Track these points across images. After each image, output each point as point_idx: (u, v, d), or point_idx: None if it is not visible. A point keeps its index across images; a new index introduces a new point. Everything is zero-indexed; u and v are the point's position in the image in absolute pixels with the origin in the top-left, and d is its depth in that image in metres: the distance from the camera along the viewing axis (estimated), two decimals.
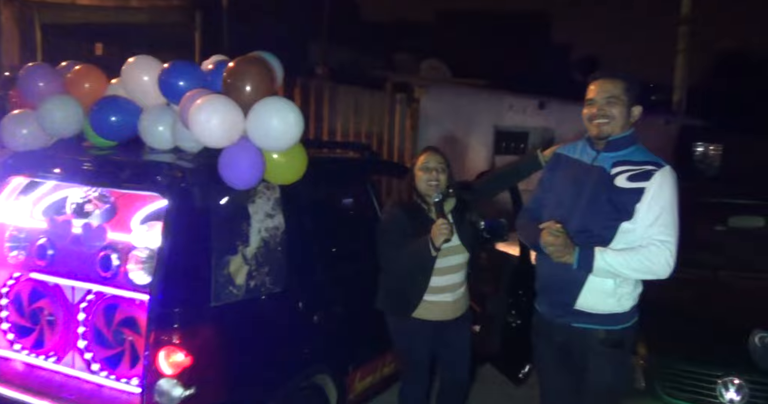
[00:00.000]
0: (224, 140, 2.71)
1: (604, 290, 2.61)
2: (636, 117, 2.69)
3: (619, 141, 2.66)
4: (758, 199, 4.99)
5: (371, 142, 9.69)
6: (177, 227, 2.62)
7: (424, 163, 3.25)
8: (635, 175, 2.58)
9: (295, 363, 3.08)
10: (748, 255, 4.44)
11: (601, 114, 2.64)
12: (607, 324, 2.64)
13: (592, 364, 2.69)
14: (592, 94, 2.68)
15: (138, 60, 3.13)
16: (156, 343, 2.57)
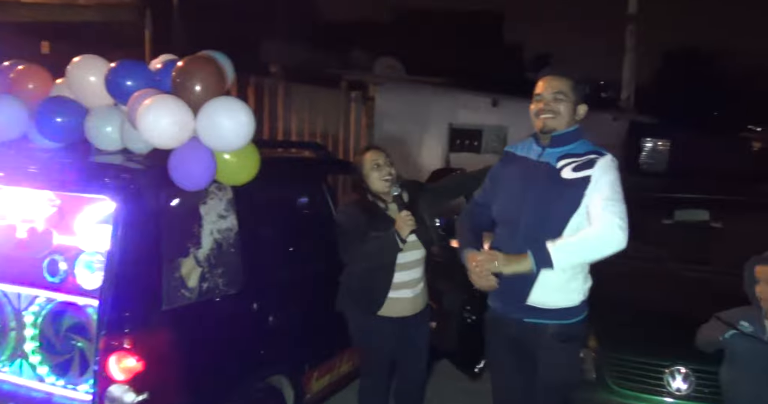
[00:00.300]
0: (174, 141, 2.67)
1: (555, 285, 2.65)
2: (581, 115, 2.75)
3: (563, 137, 2.71)
4: (703, 193, 5.15)
5: (327, 141, 9.66)
6: (126, 230, 2.57)
7: (373, 161, 3.27)
8: (579, 165, 2.64)
9: (250, 364, 3.06)
10: (694, 247, 4.58)
11: (547, 109, 2.69)
12: (559, 318, 2.69)
13: (543, 359, 2.73)
14: (540, 90, 2.73)
15: (84, 59, 3.07)
16: (106, 349, 2.52)
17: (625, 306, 3.79)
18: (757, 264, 2.93)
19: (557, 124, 2.69)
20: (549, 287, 2.65)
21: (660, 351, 3.32)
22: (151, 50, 10.42)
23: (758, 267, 2.91)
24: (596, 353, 3.41)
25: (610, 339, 3.45)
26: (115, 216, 2.61)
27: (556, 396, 2.79)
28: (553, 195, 2.64)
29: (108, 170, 2.73)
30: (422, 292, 3.41)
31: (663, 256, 4.45)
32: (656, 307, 3.76)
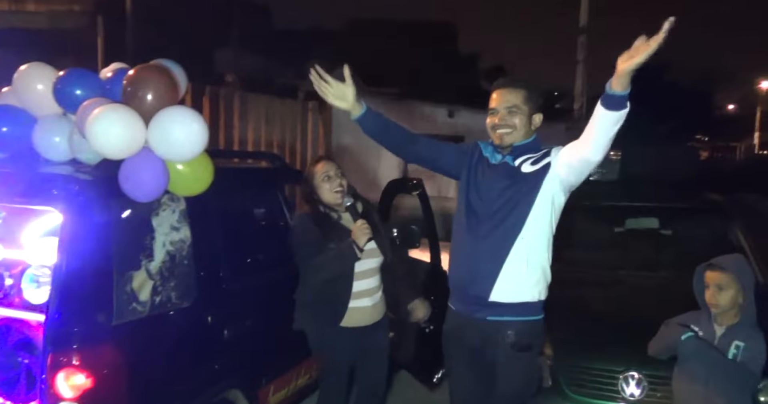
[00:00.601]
0: (124, 151, 2.61)
1: (517, 277, 2.70)
2: (537, 124, 2.79)
3: (522, 147, 2.76)
4: (653, 202, 5.27)
5: (283, 151, 9.60)
6: (74, 243, 2.50)
7: (324, 172, 3.27)
8: (536, 159, 2.72)
9: (204, 379, 3.00)
10: (644, 254, 4.68)
11: (502, 124, 2.72)
12: (520, 314, 2.72)
13: (501, 368, 2.75)
14: (494, 103, 2.76)
15: (31, 67, 2.99)
16: (54, 365, 2.44)
17: (579, 313, 3.85)
18: (706, 269, 3.00)
19: (514, 138, 2.73)
20: (510, 280, 2.70)
21: (613, 357, 3.37)
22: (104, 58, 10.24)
23: (707, 272, 2.99)
24: (551, 360, 3.45)
25: (565, 347, 3.50)
26: (62, 228, 2.54)
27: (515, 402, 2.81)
28: (514, 189, 2.70)
29: (55, 181, 2.65)
30: (380, 301, 3.40)
31: (615, 264, 4.53)
32: (609, 314, 3.82)
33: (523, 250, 2.70)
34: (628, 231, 5.20)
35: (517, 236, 2.69)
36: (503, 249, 2.70)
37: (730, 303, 2.91)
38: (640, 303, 3.92)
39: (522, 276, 2.70)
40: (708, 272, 2.98)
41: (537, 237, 2.73)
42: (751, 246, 4.42)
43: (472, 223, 2.78)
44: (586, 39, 12.88)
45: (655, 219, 5.11)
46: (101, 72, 3.12)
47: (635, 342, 3.32)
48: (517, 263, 2.70)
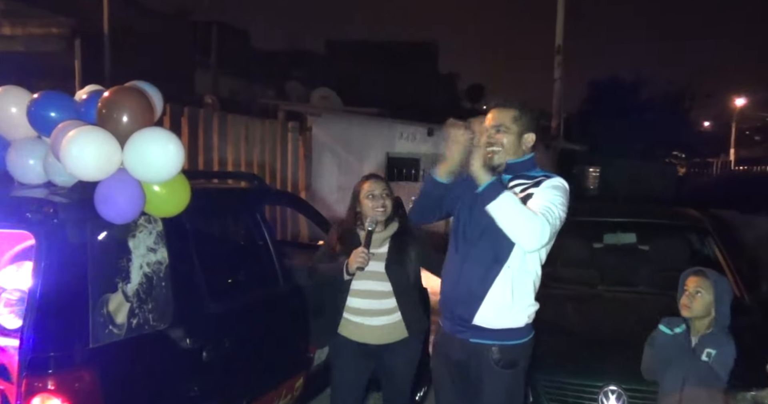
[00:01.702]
0: (100, 173, 2.60)
1: (501, 304, 2.69)
2: (529, 144, 2.78)
3: (517, 165, 2.75)
4: (631, 217, 5.34)
5: (264, 172, 9.59)
6: (49, 266, 2.47)
7: (369, 191, 3.32)
8: (527, 186, 2.70)
9: (183, 402, 2.96)
10: (623, 270, 4.72)
11: (490, 142, 2.71)
12: (503, 339, 2.72)
13: (486, 385, 2.75)
14: (486, 123, 2.75)
15: (5, 91, 2.98)
16: (29, 391, 2.40)
17: (558, 328, 3.86)
18: (689, 274, 3.05)
19: (501, 157, 2.73)
20: (496, 306, 2.69)
21: (593, 371, 3.39)
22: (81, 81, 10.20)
23: (690, 277, 3.04)
24: (532, 376, 3.45)
25: (545, 362, 3.50)
26: (37, 251, 2.51)
27: None
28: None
29: (30, 204, 2.62)
30: (391, 325, 3.36)
31: (594, 279, 4.56)
32: (588, 329, 3.84)
33: (509, 278, 2.69)
34: (607, 246, 5.25)
35: (503, 264, 2.69)
36: (489, 275, 2.70)
37: (703, 310, 2.96)
38: (618, 318, 3.95)
39: (506, 304, 2.70)
40: (691, 277, 3.05)
41: (524, 266, 2.72)
42: (727, 262, 4.48)
43: (461, 244, 2.79)
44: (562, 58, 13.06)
45: (632, 234, 5.17)
46: (76, 94, 3.11)
47: (615, 357, 3.35)
48: (502, 290, 2.69)
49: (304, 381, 3.88)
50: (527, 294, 2.74)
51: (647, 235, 5.20)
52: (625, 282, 4.50)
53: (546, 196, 2.62)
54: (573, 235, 5.40)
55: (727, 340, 2.94)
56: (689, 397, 2.89)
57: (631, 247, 5.18)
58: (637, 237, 5.21)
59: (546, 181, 2.69)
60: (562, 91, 13.22)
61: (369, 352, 3.37)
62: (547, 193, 2.64)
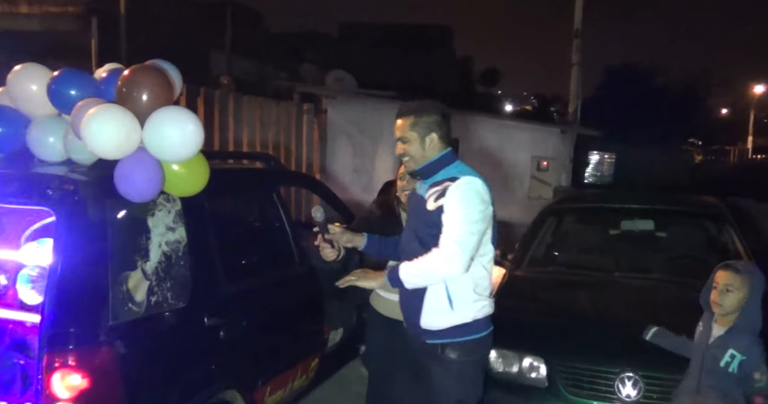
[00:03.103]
0: (119, 151, 2.60)
1: (439, 309, 2.71)
2: (435, 144, 2.76)
3: (429, 167, 2.77)
4: (648, 204, 5.29)
5: (278, 153, 9.59)
6: (69, 243, 2.49)
7: (401, 173, 3.34)
8: (438, 195, 2.68)
9: (201, 379, 2.99)
10: (640, 257, 4.69)
11: (401, 154, 2.81)
12: (454, 336, 2.72)
13: (439, 378, 2.78)
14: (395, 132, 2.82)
15: (25, 68, 2.98)
16: (49, 366, 2.43)
17: (575, 314, 3.85)
18: (719, 269, 2.99)
19: (412, 165, 2.80)
20: (435, 311, 2.72)
21: (610, 358, 3.37)
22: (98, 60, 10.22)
23: (720, 272, 2.97)
24: (548, 361, 3.45)
25: (562, 348, 3.50)
26: (57, 228, 2.53)
27: None
28: (424, 227, 2.72)
29: (50, 181, 2.64)
30: None
31: (610, 266, 4.54)
32: (605, 316, 3.83)
33: (441, 286, 2.69)
34: (623, 233, 5.22)
35: None
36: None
37: (734, 307, 2.90)
38: (635, 304, 3.92)
39: (444, 307, 2.70)
40: (720, 271, 2.97)
41: None
42: (745, 249, 4.44)
43: (404, 252, 2.83)
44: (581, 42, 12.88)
45: (650, 221, 5.14)
46: (96, 72, 3.11)
47: (631, 344, 3.33)
48: (436, 296, 2.70)
49: (319, 361, 3.91)
50: (466, 294, 2.71)
51: (664, 222, 5.16)
52: (642, 269, 4.46)
53: (454, 217, 2.61)
54: (589, 222, 5.39)
55: (756, 343, 2.86)
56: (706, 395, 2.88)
57: (648, 234, 5.15)
58: (654, 224, 5.17)
59: (450, 191, 2.64)
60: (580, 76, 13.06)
61: (395, 328, 3.31)
62: (454, 212, 2.61)
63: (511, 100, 44.52)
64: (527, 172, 11.81)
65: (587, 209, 5.52)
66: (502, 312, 3.97)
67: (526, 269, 4.62)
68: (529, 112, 39.25)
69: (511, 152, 11.83)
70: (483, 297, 2.76)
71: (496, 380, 3.51)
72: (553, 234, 5.24)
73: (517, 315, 3.96)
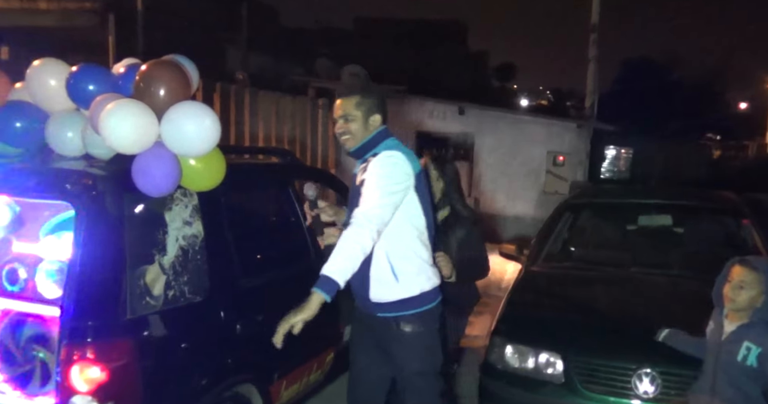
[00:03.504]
0: (137, 146, 2.62)
1: (385, 281, 2.76)
2: (377, 125, 2.84)
3: (359, 150, 2.84)
4: (666, 199, 5.25)
5: (294, 148, 9.61)
6: (88, 237, 2.51)
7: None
8: (362, 171, 2.78)
9: (217, 373, 3.01)
10: (657, 252, 4.65)
11: (340, 132, 2.83)
12: (404, 310, 2.77)
13: (395, 350, 2.82)
14: (334, 112, 2.87)
15: (44, 63, 3.00)
16: (68, 359, 2.46)
17: (592, 310, 3.83)
18: (733, 264, 2.96)
19: (352, 143, 2.83)
20: (382, 283, 2.76)
21: (627, 354, 3.35)
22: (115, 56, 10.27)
23: (735, 267, 2.93)
24: (565, 357, 3.43)
25: (579, 343, 3.48)
26: (76, 223, 2.55)
27: (418, 382, 2.82)
28: (356, 200, 2.74)
29: (69, 176, 2.66)
30: None
31: (627, 261, 4.51)
32: (622, 311, 3.81)
33: (383, 255, 2.73)
34: (641, 228, 5.18)
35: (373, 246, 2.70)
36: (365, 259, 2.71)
37: (747, 303, 2.87)
38: (652, 300, 3.90)
39: (388, 279, 2.75)
40: (736, 266, 2.94)
41: (395, 238, 2.74)
42: (764, 245, 4.39)
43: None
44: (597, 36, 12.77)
45: (667, 216, 5.09)
46: (113, 67, 3.13)
47: (648, 340, 3.30)
48: (380, 268, 2.75)
49: (335, 355, 3.92)
50: (410, 266, 2.76)
51: (682, 218, 5.12)
52: (659, 265, 4.43)
53: (368, 190, 2.65)
54: (606, 217, 5.35)
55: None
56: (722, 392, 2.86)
57: (666, 230, 5.10)
58: (672, 220, 5.12)
59: (370, 166, 2.71)
60: (596, 71, 12.95)
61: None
62: (369, 185, 2.66)
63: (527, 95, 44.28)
64: (543, 167, 11.75)
65: (604, 204, 5.49)
66: (518, 308, 3.98)
67: (542, 264, 4.61)
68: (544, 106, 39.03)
69: (527, 147, 11.77)
70: (425, 268, 2.81)
71: (512, 375, 3.51)
72: (570, 230, 5.22)
73: (533, 311, 3.96)
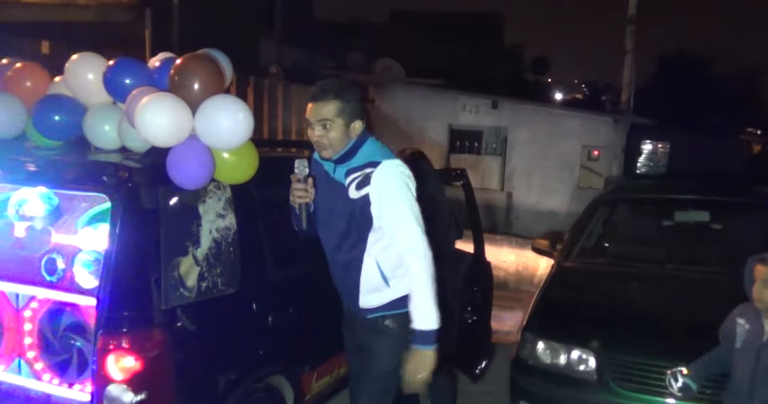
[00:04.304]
0: (172, 139, 2.65)
1: (376, 288, 2.72)
2: (358, 131, 2.66)
3: (344, 155, 2.68)
4: (703, 195, 5.14)
5: None
6: (124, 229, 2.55)
7: None
8: (359, 182, 2.62)
9: (249, 364, 3.04)
10: (694, 249, 4.57)
11: (319, 140, 2.63)
12: (393, 309, 2.73)
13: (375, 346, 2.78)
14: (308, 114, 2.64)
15: (82, 57, 3.05)
16: (104, 348, 2.51)
17: (627, 307, 3.78)
18: (755, 263, 2.90)
19: (331, 153, 2.66)
20: (372, 292, 2.72)
21: (661, 352, 3.30)
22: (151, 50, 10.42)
23: (757, 266, 2.88)
24: (598, 354, 3.39)
25: (612, 341, 3.44)
26: (112, 214, 2.59)
27: (383, 382, 2.81)
28: (347, 214, 2.67)
29: (106, 168, 2.70)
30: None
31: (664, 258, 4.43)
32: (657, 309, 3.75)
33: (373, 264, 2.69)
34: (678, 225, 5.09)
35: (363, 253, 2.69)
36: (355, 265, 2.72)
37: None
38: (688, 298, 3.82)
39: (379, 286, 2.71)
40: (758, 265, 2.88)
41: (387, 246, 2.68)
42: None
43: (326, 237, 2.81)
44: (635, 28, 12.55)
45: (705, 212, 4.99)
46: (149, 61, 3.17)
47: (684, 338, 3.25)
48: (371, 277, 2.71)
49: None
50: (400, 269, 2.68)
51: (720, 214, 5.01)
52: (696, 262, 4.34)
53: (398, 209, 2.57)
54: (642, 213, 5.27)
55: None
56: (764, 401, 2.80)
57: (703, 226, 5.00)
58: (710, 216, 5.02)
59: (374, 178, 2.58)
60: (633, 64, 12.73)
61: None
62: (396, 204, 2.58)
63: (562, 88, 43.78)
64: (577, 162, 11.62)
65: (639, 199, 5.40)
66: (550, 304, 3.94)
67: (575, 260, 4.55)
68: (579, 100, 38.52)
69: (561, 141, 11.64)
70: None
71: (544, 371, 3.48)
72: (604, 225, 5.14)
73: (565, 307, 3.93)
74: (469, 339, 4.22)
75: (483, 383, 4.41)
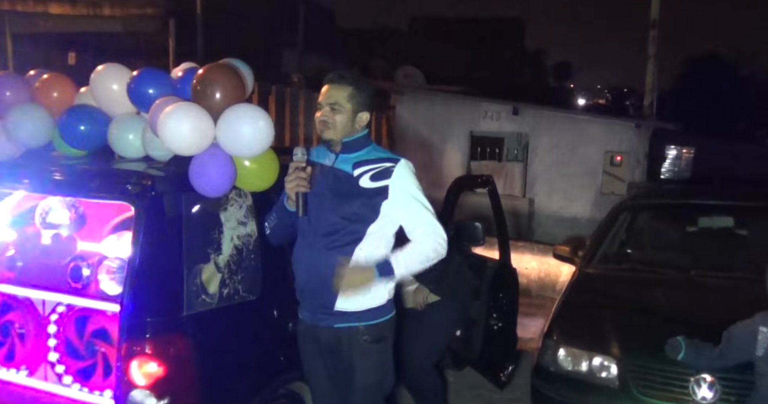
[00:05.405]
0: (194, 147, 2.69)
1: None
2: (363, 123, 2.71)
3: (354, 142, 2.71)
4: (728, 200, 5.07)
5: None
6: (147, 236, 2.59)
7: None
8: (376, 173, 2.65)
9: (271, 371, 3.06)
10: (719, 255, 4.51)
11: (323, 120, 2.68)
12: (368, 319, 2.71)
13: (357, 362, 2.73)
14: (320, 97, 2.71)
15: (107, 68, 3.11)
16: (128, 354, 2.54)
17: (650, 314, 3.74)
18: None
19: (332, 135, 2.69)
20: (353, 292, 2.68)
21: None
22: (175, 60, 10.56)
23: None
24: (620, 361, 3.36)
25: (635, 347, 3.41)
26: (136, 222, 2.64)
27: (371, 396, 2.78)
28: (353, 203, 2.65)
29: (130, 177, 2.75)
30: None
31: (687, 264, 4.38)
32: (680, 315, 3.70)
33: (363, 261, 2.66)
34: (702, 230, 5.02)
35: (355, 247, 2.67)
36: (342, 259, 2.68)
37: None
38: (712, 304, 3.78)
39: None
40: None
41: (377, 245, 2.69)
42: None
43: (309, 230, 2.75)
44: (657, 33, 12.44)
45: (729, 218, 4.92)
46: (172, 71, 3.22)
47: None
48: None
49: None
50: None
51: (745, 219, 4.94)
52: (721, 268, 4.28)
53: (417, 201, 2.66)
54: (665, 219, 5.21)
55: None
56: None
57: (728, 232, 4.93)
58: (735, 222, 4.95)
59: (397, 171, 2.65)
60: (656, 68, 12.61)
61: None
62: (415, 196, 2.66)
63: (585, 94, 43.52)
64: (600, 167, 11.52)
65: (662, 205, 5.35)
66: (572, 310, 3.92)
67: (597, 266, 4.52)
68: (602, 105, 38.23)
69: (583, 147, 11.56)
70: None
71: (565, 378, 3.46)
72: (627, 231, 5.10)
73: (587, 313, 3.90)
74: (495, 346, 4.20)
75: (505, 390, 4.39)
